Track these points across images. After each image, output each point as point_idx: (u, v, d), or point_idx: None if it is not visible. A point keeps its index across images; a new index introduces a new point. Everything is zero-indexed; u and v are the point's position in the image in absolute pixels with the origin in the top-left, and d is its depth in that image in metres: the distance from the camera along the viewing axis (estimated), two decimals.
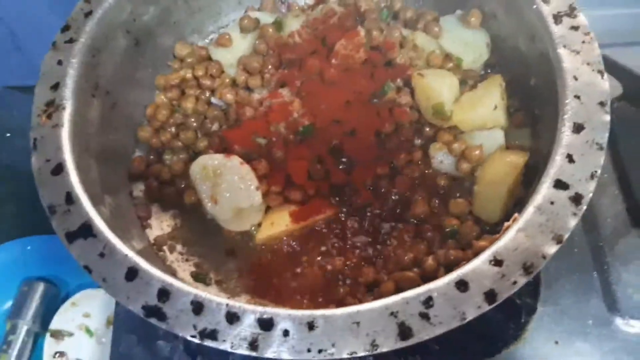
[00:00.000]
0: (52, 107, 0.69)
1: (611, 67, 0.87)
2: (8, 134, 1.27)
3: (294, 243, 0.76)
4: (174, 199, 0.80)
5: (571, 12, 0.69)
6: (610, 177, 0.88)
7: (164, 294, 0.58)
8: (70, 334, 1.09)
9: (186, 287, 0.58)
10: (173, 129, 0.83)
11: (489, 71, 0.83)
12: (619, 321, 0.78)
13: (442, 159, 0.77)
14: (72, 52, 0.72)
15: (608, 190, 0.87)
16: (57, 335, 1.09)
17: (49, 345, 1.08)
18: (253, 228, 0.77)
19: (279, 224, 0.75)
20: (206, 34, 0.92)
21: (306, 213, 0.76)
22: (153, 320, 0.57)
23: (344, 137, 0.80)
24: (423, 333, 0.54)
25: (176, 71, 0.86)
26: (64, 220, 0.63)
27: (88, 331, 1.10)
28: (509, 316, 0.79)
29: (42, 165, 0.66)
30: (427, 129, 0.80)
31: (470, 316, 0.55)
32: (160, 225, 0.81)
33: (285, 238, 0.76)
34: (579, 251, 0.83)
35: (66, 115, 0.69)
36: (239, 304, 0.57)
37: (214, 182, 0.75)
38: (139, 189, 0.83)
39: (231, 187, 0.75)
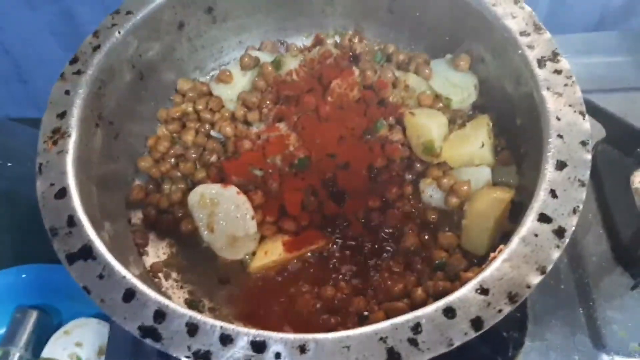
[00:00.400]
0: (58, 134, 0.72)
1: (594, 111, 0.91)
2: (9, 164, 1.29)
3: (286, 273, 0.78)
4: (171, 227, 0.82)
5: (554, 57, 0.73)
6: (595, 217, 0.91)
7: (160, 315, 0.59)
8: None
9: (181, 310, 0.59)
10: (173, 160, 0.86)
11: (477, 112, 0.87)
12: (604, 357, 0.79)
13: (431, 193, 0.80)
14: (80, 83, 0.76)
15: (593, 230, 0.90)
16: None
17: None
18: (247, 257, 0.79)
19: (273, 253, 0.77)
20: (208, 70, 0.96)
21: (299, 243, 0.78)
22: (148, 341, 0.58)
23: (338, 170, 0.83)
24: (411, 358, 0.56)
25: (178, 105, 0.90)
26: (65, 242, 0.65)
27: None
28: (496, 349, 0.80)
29: (46, 189, 0.68)
30: (418, 165, 0.83)
31: (457, 342, 0.56)
32: (157, 252, 0.83)
33: (277, 268, 0.79)
34: (565, 288, 0.85)
35: (71, 143, 0.71)
36: (233, 326, 0.58)
37: (210, 210, 0.77)
38: (137, 217, 0.85)
39: (227, 216, 0.77)
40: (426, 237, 0.79)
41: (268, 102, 0.87)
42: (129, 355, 0.85)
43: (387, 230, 0.81)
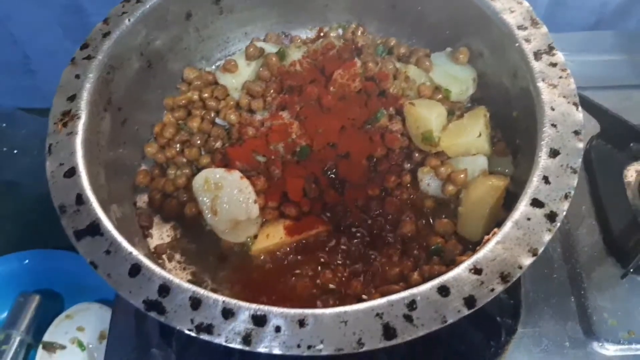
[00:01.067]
0: (68, 117, 0.74)
1: (589, 107, 0.94)
2: (15, 151, 1.32)
3: (286, 257, 0.81)
4: (176, 211, 0.85)
5: (550, 50, 0.76)
6: (589, 210, 0.93)
7: (164, 289, 0.61)
8: (63, 347, 1.11)
9: (185, 285, 0.62)
10: (178, 146, 0.88)
11: (475, 104, 0.89)
12: (594, 344, 0.82)
13: (429, 181, 0.82)
14: (89, 67, 0.78)
15: (586, 222, 0.92)
16: (50, 347, 1.11)
17: (41, 357, 1.10)
18: (249, 240, 0.81)
19: (274, 236, 0.80)
20: (214, 61, 0.98)
21: (300, 228, 0.81)
22: (153, 314, 0.60)
23: (338, 159, 0.85)
24: (406, 334, 0.58)
25: (184, 93, 0.92)
26: (73, 220, 0.67)
27: (80, 345, 1.12)
28: (490, 335, 0.82)
29: (56, 169, 0.70)
30: (416, 155, 0.85)
31: (450, 319, 0.58)
32: (161, 235, 0.85)
33: (278, 251, 0.81)
34: (558, 277, 0.87)
35: (80, 125, 0.74)
36: (235, 301, 0.60)
37: (214, 194, 0.79)
38: (142, 200, 0.87)
39: (230, 200, 0.79)
40: (423, 224, 0.81)
41: (272, 91, 0.89)
42: (131, 340, 0.87)
43: (385, 218, 0.83)
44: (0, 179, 1.33)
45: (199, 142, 0.88)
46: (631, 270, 0.82)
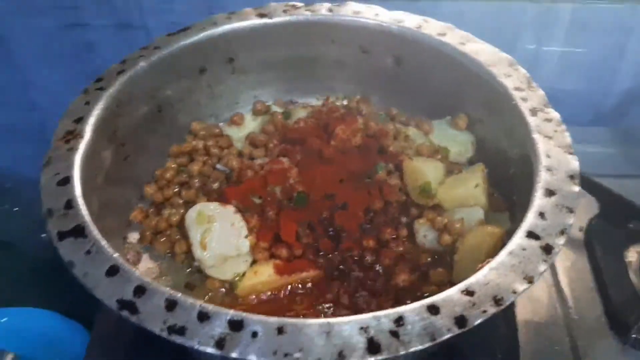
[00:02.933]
0: (71, 135, 0.76)
1: (589, 186, 0.95)
2: (15, 209, 1.32)
3: (272, 298, 0.77)
4: (165, 249, 0.83)
5: (545, 107, 0.78)
6: (591, 285, 0.91)
7: (141, 290, 0.59)
8: None
9: (163, 288, 0.59)
10: (177, 188, 0.89)
11: None
12: None
13: (425, 233, 0.81)
14: (100, 97, 0.81)
15: (588, 296, 0.89)
16: None
17: None
18: (237, 277, 0.78)
19: (262, 273, 0.77)
20: (222, 119, 1.02)
21: (290, 268, 0.78)
22: (125, 313, 0.57)
23: (335, 209, 0.84)
24: (392, 349, 0.54)
25: (189, 142, 0.94)
26: (59, 222, 0.66)
27: None
28: None
29: (50, 177, 0.71)
30: (414, 210, 0.85)
31: (439, 338, 0.55)
32: (147, 272, 0.82)
33: (264, 295, 0.78)
34: (560, 349, 0.83)
35: (82, 144, 0.75)
36: (212, 306, 0.57)
37: (206, 227, 0.78)
38: (133, 237, 0.86)
39: (222, 233, 0.78)
40: (418, 275, 0.78)
41: (274, 141, 0.91)
42: None
43: (380, 269, 0.80)
44: None
45: (197, 184, 0.88)
46: (633, 336, 0.78)
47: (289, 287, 0.79)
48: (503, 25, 1.14)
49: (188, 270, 0.82)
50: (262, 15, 0.95)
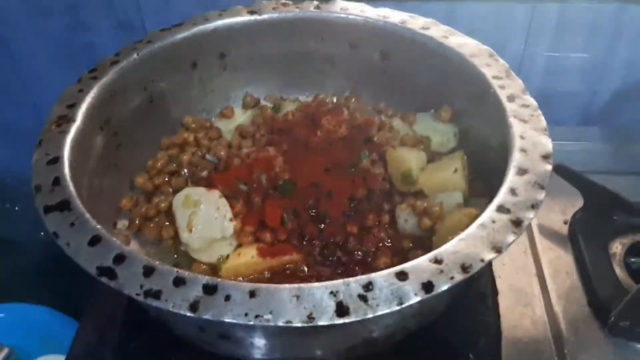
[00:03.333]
0: (64, 120, 0.79)
1: (572, 178, 0.97)
2: (16, 208, 1.35)
3: (255, 280, 0.79)
4: (154, 235, 0.85)
5: (522, 94, 0.80)
6: (574, 277, 0.92)
7: (120, 258, 0.61)
8: None
9: (142, 256, 0.61)
10: (167, 177, 0.91)
11: None
12: None
13: (407, 218, 0.83)
14: (93, 85, 0.84)
15: (572, 288, 0.90)
16: None
17: None
18: (221, 259, 0.80)
19: (245, 254, 0.79)
20: (214, 114, 1.04)
21: (273, 251, 0.80)
22: (104, 279, 0.59)
23: (320, 197, 0.86)
24: (360, 312, 0.55)
25: (180, 134, 0.97)
26: (46, 197, 0.68)
27: None
28: None
29: (41, 157, 0.73)
30: (396, 197, 0.86)
31: (406, 302, 0.56)
32: None
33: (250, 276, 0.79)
34: (542, 338, 0.84)
35: (74, 127, 0.78)
36: (188, 272, 0.59)
37: (192, 211, 0.80)
38: (122, 224, 0.88)
39: (207, 216, 0.80)
40: (398, 259, 0.80)
41: (262, 132, 0.94)
42: None
43: (362, 252, 0.82)
44: None
45: (186, 173, 0.91)
46: (612, 318, 0.78)
47: (272, 270, 0.81)
48: (491, 26, 1.16)
49: (175, 255, 0.84)
50: (252, 12, 0.98)
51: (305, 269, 0.81)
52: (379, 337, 0.69)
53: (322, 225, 0.85)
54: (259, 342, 0.66)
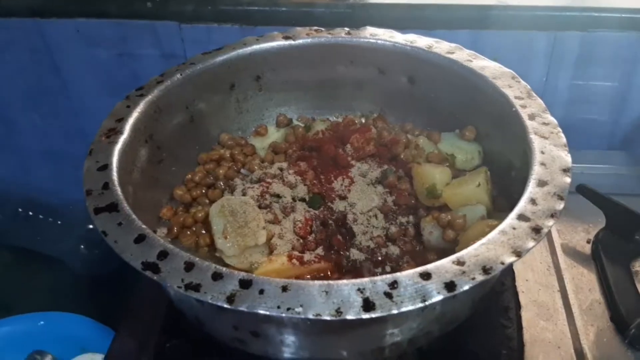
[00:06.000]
0: (112, 132, 0.85)
1: (595, 198, 0.99)
2: (59, 222, 1.43)
3: None
4: (191, 241, 0.90)
5: (543, 113, 0.84)
6: (597, 294, 0.93)
7: (163, 254, 0.66)
8: None
9: (184, 253, 0.66)
10: (204, 189, 0.97)
11: None
12: None
13: (431, 230, 0.86)
14: (140, 102, 0.91)
15: (595, 304, 0.92)
16: None
17: None
18: (254, 266, 0.85)
19: (276, 262, 0.83)
20: (248, 133, 1.10)
21: (303, 260, 0.84)
22: (148, 273, 0.64)
23: (348, 210, 0.91)
24: (385, 308, 0.59)
25: (217, 151, 1.03)
26: (96, 200, 0.74)
27: None
28: None
29: (91, 165, 0.80)
30: (421, 211, 0.90)
31: (429, 299, 0.60)
32: None
33: None
34: (564, 353, 0.85)
35: (122, 138, 0.84)
36: (226, 268, 0.64)
37: (227, 219, 0.85)
38: (161, 231, 0.93)
39: (241, 225, 0.85)
40: None
41: (294, 148, 0.99)
42: None
43: (388, 266, 0.86)
44: (41, 250, 1.44)
45: (222, 185, 0.96)
46: (632, 331, 0.80)
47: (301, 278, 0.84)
48: (514, 54, 1.21)
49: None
50: (287, 38, 1.04)
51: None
52: (403, 340, 0.72)
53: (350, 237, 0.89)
54: (289, 339, 0.70)
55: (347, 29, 1.06)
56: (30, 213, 1.51)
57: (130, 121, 0.88)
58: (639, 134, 1.28)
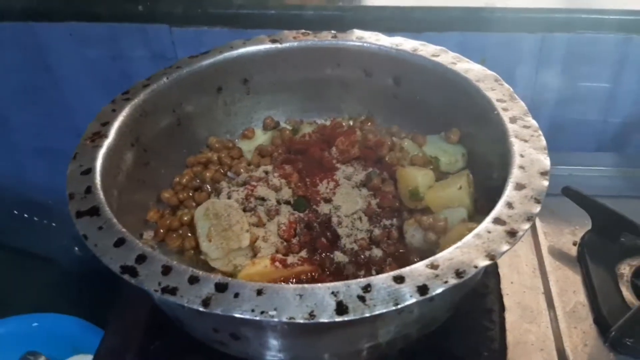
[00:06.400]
0: (97, 136, 0.86)
1: (580, 200, 1.00)
2: (53, 224, 1.44)
3: None
4: (177, 244, 0.91)
5: (524, 116, 0.84)
6: (582, 297, 0.94)
7: (142, 258, 0.67)
8: None
9: (162, 256, 0.67)
10: (191, 192, 0.98)
11: None
12: None
13: (413, 232, 0.86)
14: (126, 106, 0.92)
15: (579, 306, 0.92)
16: None
17: None
18: (238, 269, 0.85)
19: (259, 263, 0.84)
20: (237, 135, 1.11)
21: (286, 262, 0.85)
22: (126, 277, 0.65)
23: (332, 212, 0.91)
24: (358, 311, 0.60)
25: (205, 154, 1.04)
26: (78, 204, 0.75)
27: None
28: None
29: (75, 169, 0.80)
30: (405, 214, 0.91)
31: (402, 303, 0.60)
32: None
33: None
34: (547, 354, 0.86)
35: (106, 142, 0.85)
36: (202, 272, 0.65)
37: (212, 222, 0.86)
38: (148, 234, 0.94)
39: (225, 228, 0.85)
40: None
41: (280, 151, 1.00)
42: None
43: (371, 266, 0.86)
44: (35, 250, 1.45)
45: (209, 188, 0.97)
46: (612, 333, 0.80)
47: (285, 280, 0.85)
48: (502, 56, 1.21)
49: (195, 264, 0.90)
50: (274, 41, 1.05)
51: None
52: (381, 342, 0.73)
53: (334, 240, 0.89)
54: (268, 342, 0.71)
55: (333, 32, 1.06)
56: (26, 215, 1.52)
57: (116, 125, 0.89)
58: (628, 134, 1.28)
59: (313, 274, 0.86)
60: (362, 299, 0.61)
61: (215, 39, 1.28)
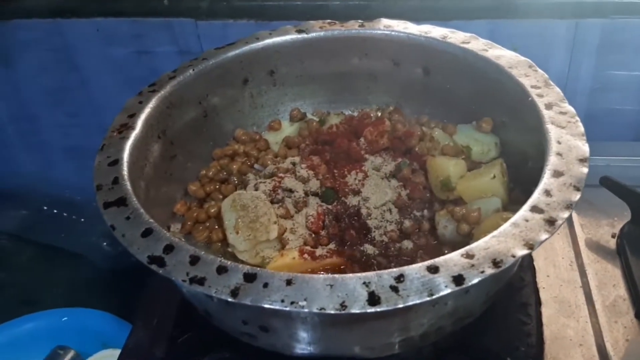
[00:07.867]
0: (124, 127, 0.86)
1: (620, 190, 0.96)
2: (82, 219, 1.45)
3: None
4: (204, 236, 0.90)
5: (560, 102, 0.81)
6: (622, 290, 0.90)
7: (169, 248, 0.66)
8: None
9: (189, 246, 0.66)
10: (217, 185, 0.97)
11: None
12: None
13: (446, 224, 0.84)
14: (152, 97, 0.91)
15: (619, 300, 0.89)
16: None
17: None
18: (265, 261, 0.84)
19: (287, 256, 0.83)
20: (263, 128, 1.10)
21: (315, 253, 0.83)
22: (154, 267, 0.64)
23: (361, 204, 0.89)
24: (391, 302, 0.58)
25: (231, 146, 1.03)
26: (106, 195, 0.74)
27: None
28: None
29: (102, 160, 0.80)
30: (436, 205, 0.88)
31: (436, 293, 0.58)
32: None
33: None
34: (586, 350, 0.83)
35: (133, 134, 0.84)
36: (230, 262, 0.63)
37: (239, 214, 0.85)
38: (175, 227, 0.93)
39: (253, 220, 0.84)
40: None
41: (307, 143, 0.98)
42: None
43: (402, 258, 0.84)
44: (64, 246, 1.46)
45: (235, 181, 0.96)
46: None
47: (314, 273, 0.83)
48: (535, 44, 1.18)
49: (222, 256, 0.89)
50: (300, 31, 1.03)
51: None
52: (415, 335, 0.71)
53: (363, 232, 0.87)
54: (297, 334, 0.69)
55: (360, 21, 1.04)
56: (55, 211, 1.53)
57: (142, 117, 0.88)
58: None
59: (342, 266, 0.84)
60: (395, 289, 0.59)
61: (241, 32, 1.26)
